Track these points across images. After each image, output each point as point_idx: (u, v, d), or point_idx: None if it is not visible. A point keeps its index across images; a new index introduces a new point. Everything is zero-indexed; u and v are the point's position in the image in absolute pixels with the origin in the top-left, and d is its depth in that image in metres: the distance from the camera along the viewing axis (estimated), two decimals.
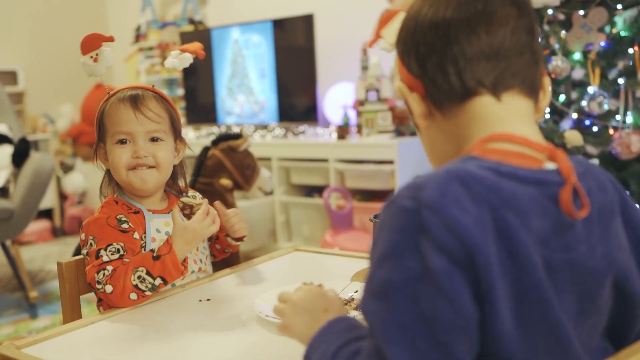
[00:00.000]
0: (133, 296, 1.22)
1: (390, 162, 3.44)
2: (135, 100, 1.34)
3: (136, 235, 1.31)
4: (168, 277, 1.24)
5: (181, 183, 1.46)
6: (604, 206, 0.78)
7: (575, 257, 0.73)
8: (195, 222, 1.27)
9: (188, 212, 1.27)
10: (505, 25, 0.76)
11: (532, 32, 0.79)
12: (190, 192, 1.48)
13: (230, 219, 1.42)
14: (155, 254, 1.24)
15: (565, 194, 0.72)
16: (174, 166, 1.41)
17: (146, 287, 1.23)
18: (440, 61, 0.77)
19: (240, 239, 1.47)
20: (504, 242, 0.67)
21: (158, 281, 1.23)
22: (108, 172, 1.41)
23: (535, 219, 0.70)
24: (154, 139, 1.35)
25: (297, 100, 4.09)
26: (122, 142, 1.34)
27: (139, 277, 1.22)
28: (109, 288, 1.22)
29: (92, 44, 1.34)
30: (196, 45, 1.41)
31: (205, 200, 1.32)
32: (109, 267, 1.24)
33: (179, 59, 1.40)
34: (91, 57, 1.35)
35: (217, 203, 1.43)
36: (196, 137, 4.45)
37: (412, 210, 0.66)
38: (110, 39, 1.35)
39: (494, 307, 0.66)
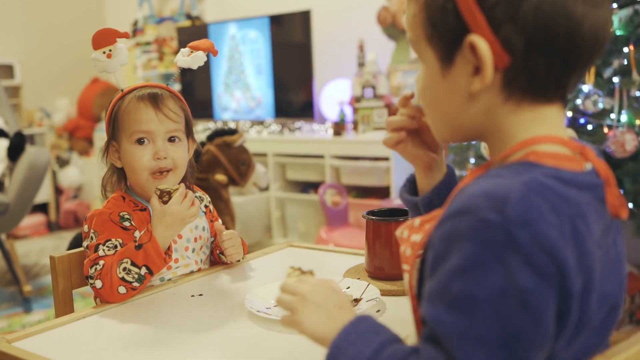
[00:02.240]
0: (122, 290, 1.22)
1: (386, 159, 3.45)
2: (155, 99, 1.32)
3: (137, 234, 1.30)
4: (152, 265, 1.23)
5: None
6: None
7: (608, 251, 0.75)
8: (173, 205, 1.24)
9: (167, 198, 1.26)
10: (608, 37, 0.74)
11: None
12: (198, 192, 1.48)
13: (223, 242, 1.39)
14: (137, 243, 1.24)
15: (612, 197, 0.73)
16: None
17: (133, 278, 1.22)
18: (554, 61, 0.71)
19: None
20: (576, 251, 0.67)
21: (144, 270, 1.22)
22: (118, 170, 1.38)
23: (594, 225, 0.70)
24: (171, 139, 1.34)
25: (293, 97, 4.09)
26: (140, 141, 1.32)
27: (125, 268, 1.22)
28: (98, 283, 1.22)
29: (104, 39, 1.30)
30: (207, 43, 1.39)
31: (182, 184, 1.29)
32: (101, 262, 1.24)
33: (192, 58, 1.37)
34: (104, 52, 1.31)
35: (217, 223, 1.42)
36: None
37: (498, 224, 0.64)
38: (125, 35, 1.32)
39: (572, 316, 0.67)
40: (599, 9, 0.70)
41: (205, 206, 1.48)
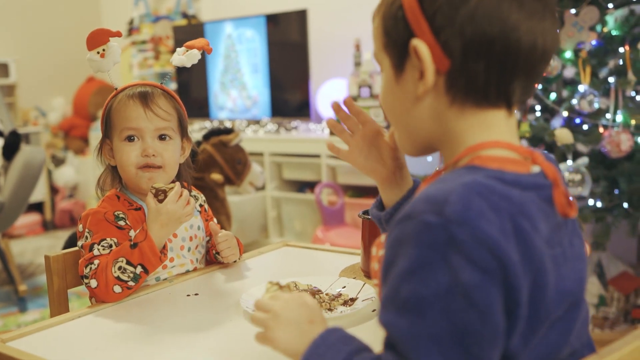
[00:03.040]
0: (117, 289, 1.22)
1: None
2: (144, 97, 1.33)
3: (132, 234, 1.30)
4: (147, 264, 1.23)
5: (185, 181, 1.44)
6: None
7: (564, 251, 0.76)
8: (168, 204, 1.24)
9: (162, 197, 1.26)
10: (555, 44, 0.76)
11: None
12: (193, 192, 1.47)
13: (219, 244, 1.39)
14: (132, 242, 1.23)
15: (559, 196, 0.75)
16: (179, 165, 1.40)
17: (128, 277, 1.22)
18: (491, 65, 0.73)
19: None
20: (521, 248, 0.68)
21: (139, 269, 1.22)
22: (112, 169, 1.39)
23: (541, 223, 0.72)
24: (162, 137, 1.34)
25: (289, 96, 4.09)
26: (129, 139, 1.32)
27: (120, 267, 1.21)
28: (93, 283, 1.22)
29: (98, 39, 1.31)
30: (202, 42, 1.39)
31: (177, 183, 1.29)
32: (96, 262, 1.24)
33: (187, 56, 1.37)
34: (98, 52, 1.32)
35: (212, 223, 1.42)
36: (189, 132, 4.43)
37: (438, 225, 0.66)
38: (118, 34, 1.33)
39: (521, 311, 0.68)
40: (535, 19, 0.73)
41: (200, 205, 1.47)
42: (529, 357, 0.72)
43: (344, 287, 1.21)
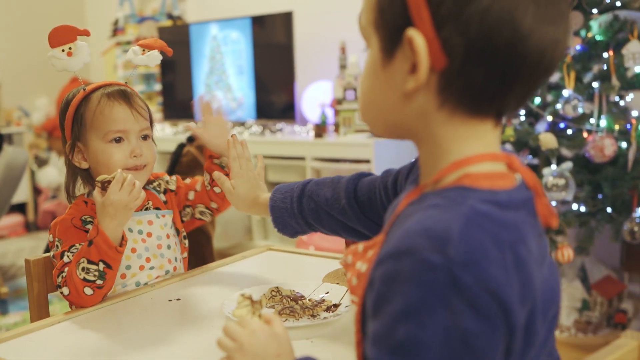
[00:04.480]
0: (87, 291, 1.20)
1: (367, 162, 3.45)
2: (127, 97, 1.32)
3: None
4: (107, 258, 1.20)
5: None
6: None
7: (544, 261, 0.73)
8: (111, 195, 1.19)
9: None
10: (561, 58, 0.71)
11: None
12: (156, 181, 1.46)
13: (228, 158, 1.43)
14: (88, 240, 1.21)
15: (543, 208, 0.71)
16: None
17: (94, 276, 1.19)
18: (491, 73, 0.66)
19: (224, 172, 1.41)
20: (520, 279, 0.65)
21: (102, 265, 1.19)
22: (83, 172, 1.35)
23: (533, 243, 0.69)
24: (144, 137, 1.34)
25: (275, 98, 4.08)
26: (116, 140, 1.30)
27: (83, 268, 1.19)
28: (65, 290, 1.21)
29: (63, 36, 1.28)
30: (159, 42, 1.36)
31: (118, 171, 1.22)
32: (67, 269, 1.22)
33: (147, 57, 1.36)
34: (63, 50, 1.29)
35: (216, 173, 1.39)
36: (173, 133, 4.41)
37: (441, 266, 0.61)
38: (86, 33, 1.29)
39: (517, 344, 0.65)
40: (550, 26, 0.66)
41: (170, 190, 1.45)
42: None
43: (327, 292, 1.20)
